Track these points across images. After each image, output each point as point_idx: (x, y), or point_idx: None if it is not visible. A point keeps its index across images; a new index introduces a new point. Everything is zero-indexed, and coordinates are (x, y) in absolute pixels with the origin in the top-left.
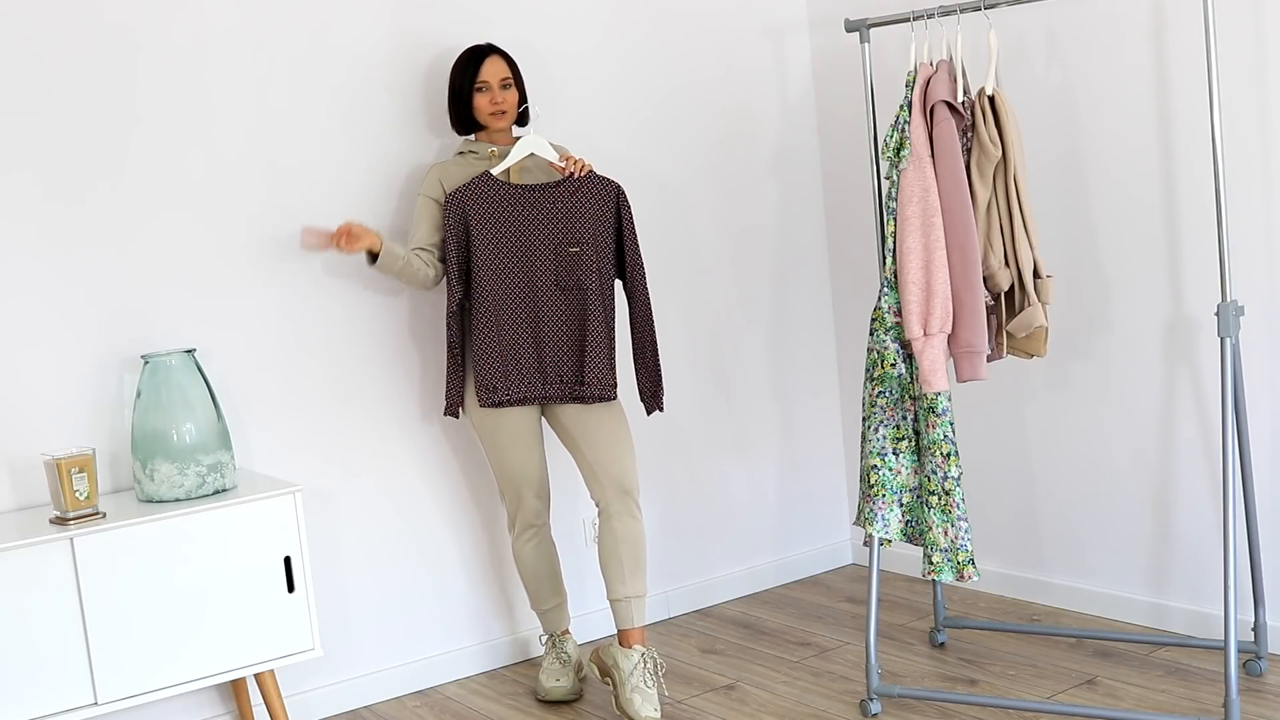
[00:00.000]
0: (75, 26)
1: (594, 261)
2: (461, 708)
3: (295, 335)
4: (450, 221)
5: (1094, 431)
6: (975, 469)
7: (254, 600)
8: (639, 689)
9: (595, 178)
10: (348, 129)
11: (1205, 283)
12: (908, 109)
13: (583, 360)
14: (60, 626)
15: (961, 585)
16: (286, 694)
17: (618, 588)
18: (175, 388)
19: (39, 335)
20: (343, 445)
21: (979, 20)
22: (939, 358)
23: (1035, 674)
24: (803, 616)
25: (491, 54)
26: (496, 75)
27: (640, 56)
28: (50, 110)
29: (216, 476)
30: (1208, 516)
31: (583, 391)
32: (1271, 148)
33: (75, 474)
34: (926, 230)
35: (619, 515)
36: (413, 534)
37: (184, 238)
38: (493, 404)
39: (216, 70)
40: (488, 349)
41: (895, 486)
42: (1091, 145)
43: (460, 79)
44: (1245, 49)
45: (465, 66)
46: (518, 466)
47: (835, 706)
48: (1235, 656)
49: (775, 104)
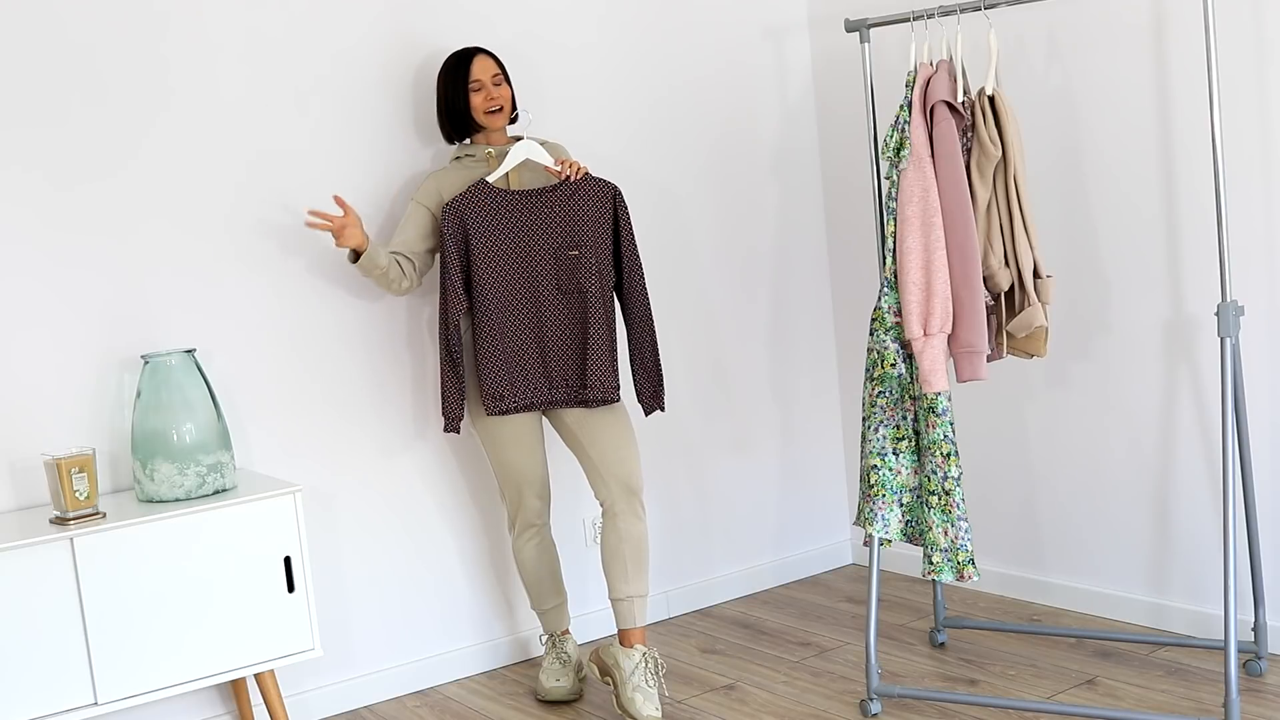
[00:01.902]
0: (75, 28)
1: (593, 264)
2: (461, 708)
3: (295, 335)
4: (449, 231)
5: (1094, 431)
6: (975, 469)
7: (254, 600)
8: (640, 688)
9: (592, 180)
10: (348, 129)
11: (1205, 283)
12: (908, 109)
13: (585, 363)
14: (60, 626)
15: (961, 585)
16: (286, 694)
17: (620, 587)
18: (175, 388)
19: (39, 335)
20: (342, 445)
21: (979, 20)
22: (939, 358)
23: (1035, 674)
24: (803, 616)
25: (478, 54)
26: (487, 72)
27: (639, 56)
28: (50, 111)
29: (216, 476)
30: (1208, 516)
31: (586, 395)
32: (1271, 148)
33: (75, 474)
34: (926, 230)
35: (624, 515)
36: (412, 534)
37: (184, 238)
38: (500, 412)
39: (217, 71)
40: (493, 357)
41: (895, 486)
42: (1091, 145)
43: (451, 83)
44: (1245, 49)
45: (455, 70)
46: (519, 467)
47: (835, 706)
48: (1235, 656)
49: (775, 104)
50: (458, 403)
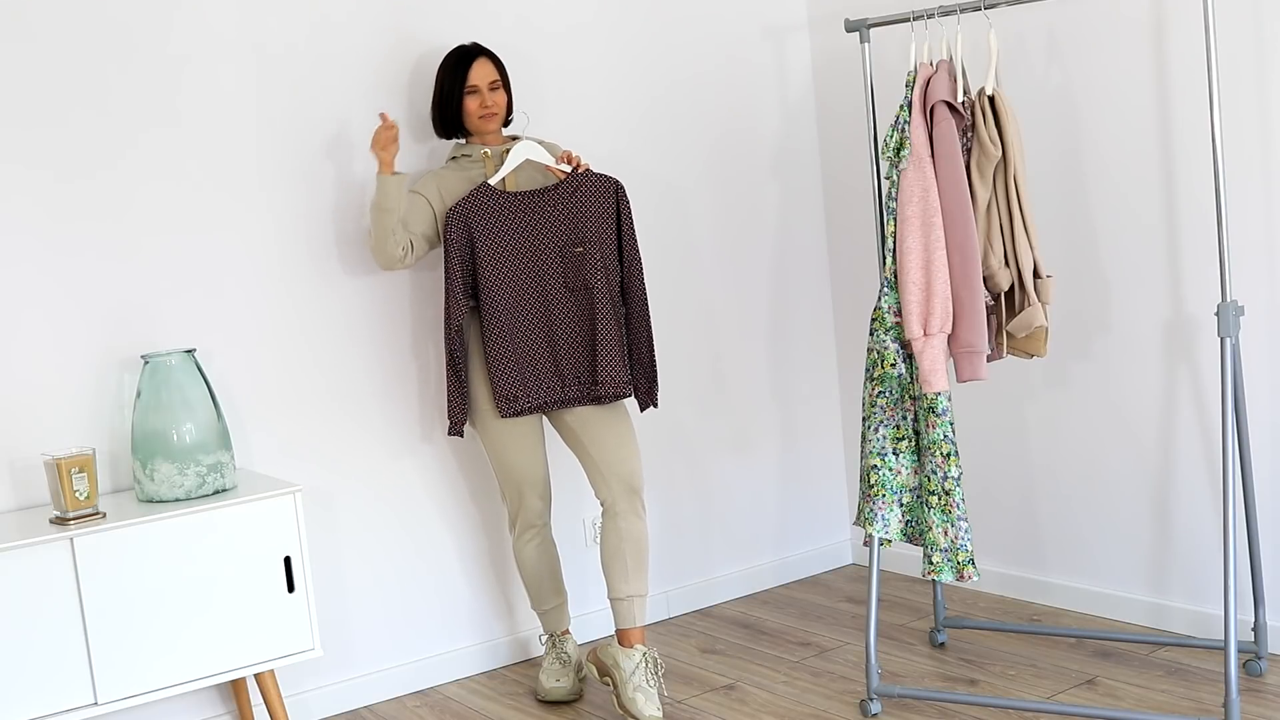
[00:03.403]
0: (74, 28)
1: (599, 260)
2: (461, 708)
3: (295, 335)
4: (453, 237)
5: (1094, 431)
6: (975, 469)
7: (254, 600)
8: (641, 688)
9: (594, 175)
10: (349, 129)
11: (1205, 283)
12: (908, 109)
13: (595, 359)
14: (60, 626)
15: (961, 585)
16: (286, 694)
17: (620, 587)
18: (175, 388)
19: (39, 335)
20: (343, 445)
21: (979, 20)
22: (939, 358)
23: (1035, 674)
24: (803, 616)
25: (479, 56)
26: (485, 78)
27: (639, 56)
28: (50, 112)
29: (216, 476)
30: (1208, 516)
31: (598, 391)
32: (1271, 148)
33: (75, 474)
34: (926, 230)
35: (625, 514)
36: (412, 533)
37: (184, 238)
38: (514, 414)
39: (218, 70)
40: (504, 359)
41: (895, 486)
42: (1091, 145)
43: (448, 82)
44: (1245, 49)
45: (453, 69)
46: (521, 467)
47: (835, 706)
48: (1235, 656)
49: (775, 104)
50: (461, 406)
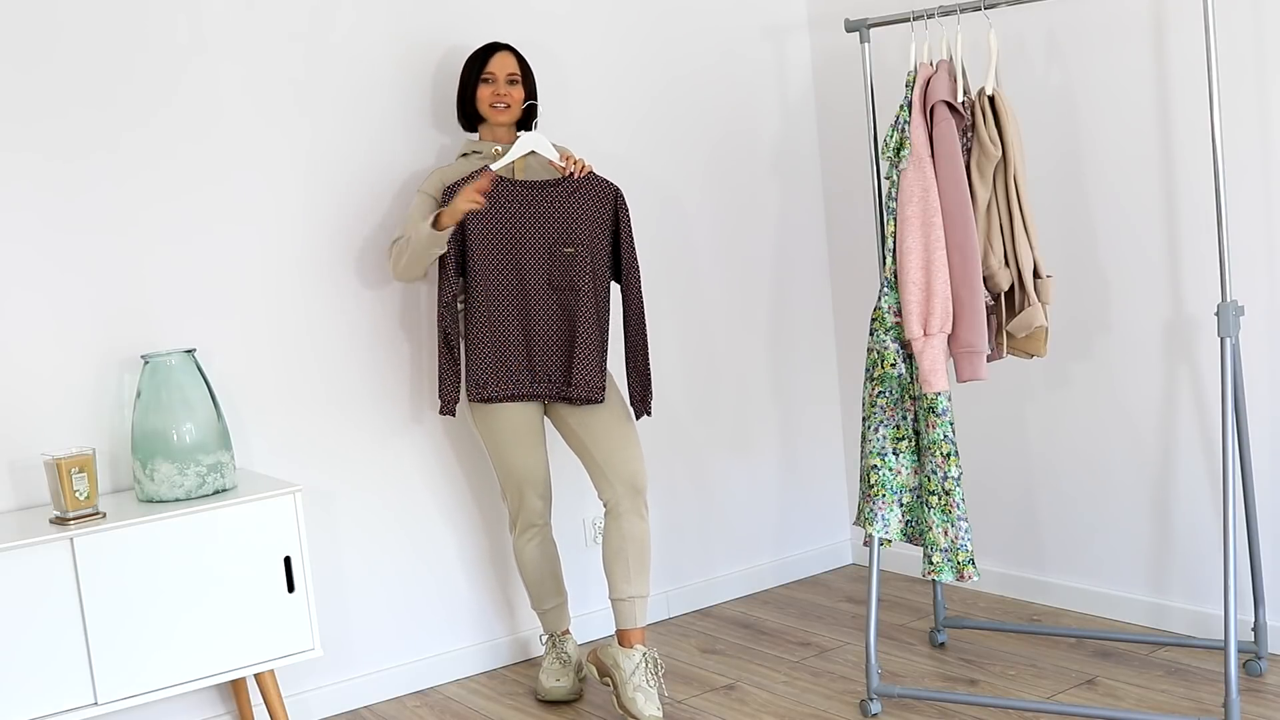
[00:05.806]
0: (77, 25)
1: (588, 263)
2: (461, 708)
3: (295, 335)
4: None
5: (1094, 431)
6: (975, 469)
7: (254, 600)
8: (641, 688)
9: (594, 179)
10: (349, 128)
11: (1205, 283)
12: (908, 109)
13: (571, 361)
14: (60, 626)
15: (961, 585)
16: (286, 694)
17: (622, 587)
18: (175, 388)
19: (39, 335)
20: (343, 445)
21: (979, 20)
22: (939, 358)
23: (1035, 674)
24: (803, 616)
25: (502, 49)
26: (504, 69)
27: (640, 56)
28: (49, 110)
29: (216, 476)
30: (1208, 516)
31: (570, 392)
32: (1271, 148)
33: (75, 474)
34: (926, 230)
35: (628, 515)
36: (413, 533)
37: (184, 237)
38: (483, 400)
39: (218, 69)
40: (481, 344)
41: (895, 486)
42: (1091, 145)
43: (468, 71)
44: (1245, 49)
45: (475, 60)
46: (520, 466)
47: (835, 706)
48: (1235, 656)
49: (775, 104)
50: (453, 385)
